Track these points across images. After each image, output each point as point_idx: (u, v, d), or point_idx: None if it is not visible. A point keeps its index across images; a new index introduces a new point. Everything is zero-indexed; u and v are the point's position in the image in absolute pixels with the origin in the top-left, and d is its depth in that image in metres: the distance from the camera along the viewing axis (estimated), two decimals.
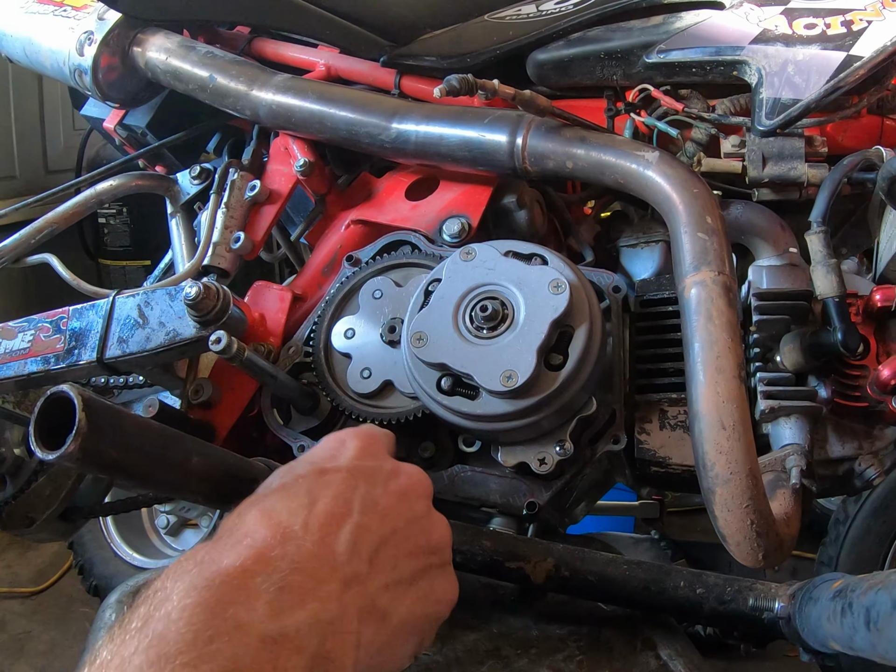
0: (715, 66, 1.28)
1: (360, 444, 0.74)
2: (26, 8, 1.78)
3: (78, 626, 2.61)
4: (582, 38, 1.42)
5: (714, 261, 1.05)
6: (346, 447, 0.74)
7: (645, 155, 1.17)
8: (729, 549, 1.02)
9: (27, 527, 1.42)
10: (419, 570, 0.68)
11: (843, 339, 1.10)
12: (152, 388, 1.46)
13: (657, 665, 0.96)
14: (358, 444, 0.74)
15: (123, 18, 1.62)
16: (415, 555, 0.68)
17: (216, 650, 0.50)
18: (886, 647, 0.71)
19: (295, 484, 0.67)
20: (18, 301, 3.21)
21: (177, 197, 1.69)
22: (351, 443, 0.74)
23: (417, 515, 0.71)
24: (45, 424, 0.77)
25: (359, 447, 0.73)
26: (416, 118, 1.36)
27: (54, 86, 3.24)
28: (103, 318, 1.33)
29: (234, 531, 0.61)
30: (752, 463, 0.97)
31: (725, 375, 0.98)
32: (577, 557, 1.01)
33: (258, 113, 1.51)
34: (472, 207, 1.37)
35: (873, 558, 1.92)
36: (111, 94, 1.69)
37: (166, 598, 0.53)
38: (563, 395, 1.08)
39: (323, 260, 1.51)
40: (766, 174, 1.27)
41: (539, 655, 0.97)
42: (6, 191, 3.18)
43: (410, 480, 0.73)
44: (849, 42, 1.19)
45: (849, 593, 0.80)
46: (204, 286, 1.24)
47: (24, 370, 1.36)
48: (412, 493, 0.72)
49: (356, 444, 0.74)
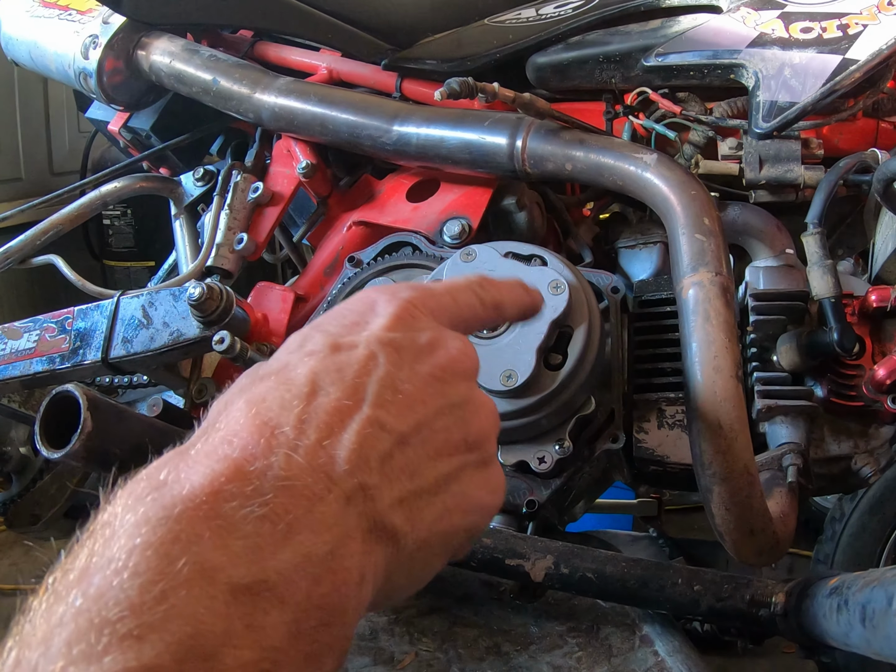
0: (712, 69, 1.28)
1: (395, 311, 0.56)
2: (32, 12, 1.78)
3: None
4: (581, 42, 1.42)
5: (712, 262, 1.05)
6: (374, 314, 0.56)
7: (643, 157, 1.17)
8: (726, 547, 1.02)
9: (33, 524, 1.42)
10: (448, 474, 0.53)
11: (839, 340, 1.10)
12: (156, 387, 1.46)
13: (655, 661, 0.96)
14: (392, 312, 0.56)
15: (128, 22, 1.62)
16: (443, 454, 0.53)
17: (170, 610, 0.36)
18: (882, 644, 0.71)
19: (299, 364, 0.51)
20: (24, 301, 3.21)
21: (180, 199, 1.69)
22: (383, 308, 0.57)
23: (453, 402, 0.55)
24: (51, 423, 0.77)
25: (392, 315, 0.56)
26: (418, 121, 1.36)
27: (59, 89, 3.23)
28: (108, 319, 1.33)
29: (212, 430, 0.47)
30: (749, 462, 0.97)
31: (723, 375, 0.98)
32: (576, 555, 1.01)
33: (261, 116, 1.51)
34: (473, 209, 1.37)
35: (869, 555, 1.92)
36: (116, 96, 1.69)
37: (113, 535, 0.39)
38: (563, 394, 1.08)
39: (325, 261, 1.51)
40: (763, 176, 1.27)
41: (538, 652, 0.97)
42: (12, 192, 3.18)
43: (448, 356, 0.56)
44: (845, 46, 1.19)
45: (845, 590, 0.80)
46: (207, 287, 1.24)
47: (30, 370, 1.36)
48: (449, 372, 0.56)
49: (390, 311, 0.56)
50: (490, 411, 0.60)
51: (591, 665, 0.95)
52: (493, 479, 0.58)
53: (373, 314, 0.56)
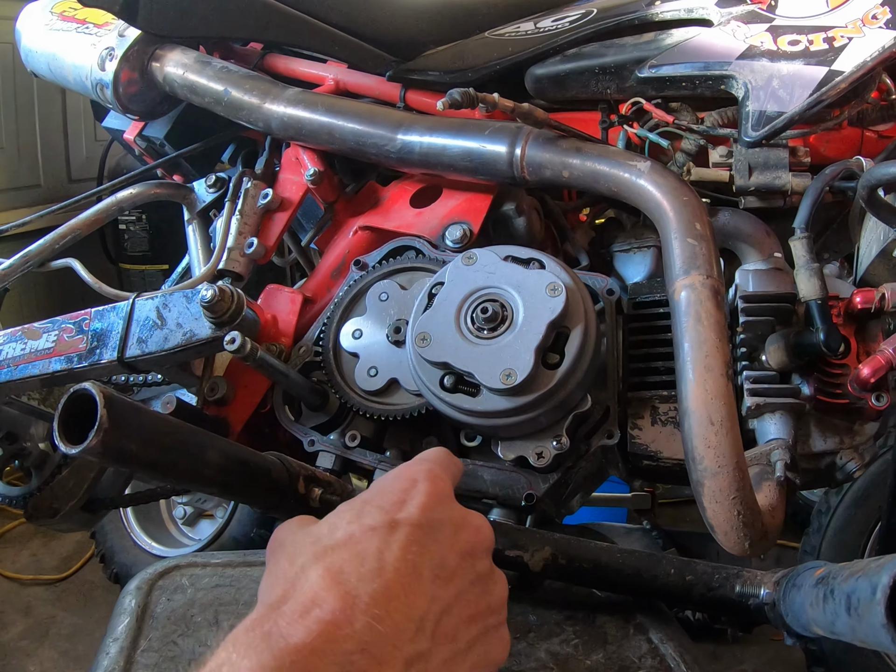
0: (703, 80, 1.28)
1: (431, 489, 0.67)
2: (50, 25, 1.78)
3: (100, 611, 2.61)
4: (577, 54, 1.42)
5: (703, 265, 1.05)
6: (416, 490, 0.66)
7: (637, 165, 1.17)
8: (717, 539, 1.02)
9: (51, 517, 1.42)
10: (478, 636, 0.64)
11: (826, 340, 1.10)
12: (170, 385, 1.46)
13: (648, 648, 0.96)
14: (428, 490, 0.67)
15: (143, 35, 1.62)
16: (475, 619, 0.64)
17: None
18: (866, 632, 0.71)
19: (364, 539, 0.60)
20: (43, 303, 3.22)
21: (193, 204, 1.69)
22: (422, 486, 0.67)
23: (481, 575, 0.66)
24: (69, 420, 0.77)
25: (429, 493, 0.66)
26: (421, 130, 1.37)
27: (77, 99, 3.24)
28: (123, 320, 1.33)
29: (298, 593, 0.56)
30: (738, 457, 0.97)
31: (713, 374, 0.98)
32: (573, 546, 1.01)
33: (270, 125, 1.51)
34: (473, 214, 1.37)
35: (854, 547, 1.92)
36: (131, 106, 1.69)
37: None
38: (560, 392, 1.08)
39: (332, 264, 1.51)
40: (752, 183, 1.27)
41: (537, 639, 0.97)
42: (31, 198, 3.18)
43: (477, 536, 0.67)
44: (831, 58, 1.19)
45: (831, 580, 0.80)
46: (219, 289, 1.24)
47: (49, 369, 1.36)
48: (478, 551, 0.66)
49: (426, 488, 0.67)
50: (504, 583, 0.69)
51: (588, 652, 0.95)
52: (505, 637, 0.68)
53: (415, 491, 0.66)
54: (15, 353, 1.40)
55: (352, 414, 1.28)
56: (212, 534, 2.45)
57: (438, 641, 0.59)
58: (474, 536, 0.67)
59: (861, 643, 0.75)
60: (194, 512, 2.64)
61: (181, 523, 2.66)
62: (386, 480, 0.69)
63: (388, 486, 0.68)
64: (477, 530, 0.68)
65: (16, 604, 2.67)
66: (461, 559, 0.64)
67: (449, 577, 0.62)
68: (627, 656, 0.95)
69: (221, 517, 2.49)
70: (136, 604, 0.98)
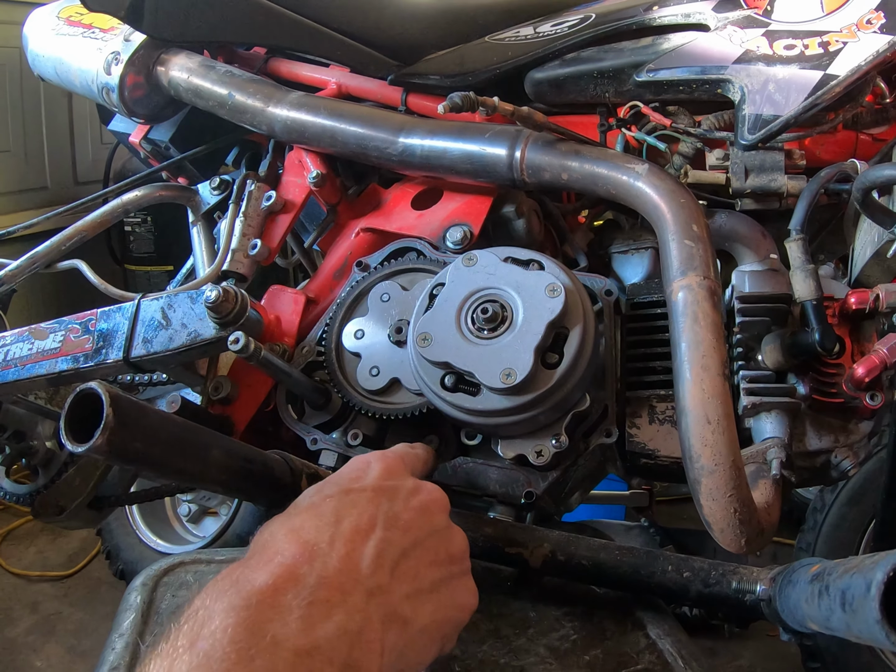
0: (700, 84, 1.28)
1: (384, 465, 0.76)
2: (57, 30, 1.78)
3: (105, 607, 2.61)
4: (576, 58, 1.42)
5: (700, 266, 1.05)
6: (370, 469, 0.75)
7: (635, 167, 1.17)
8: (714, 536, 1.02)
9: (58, 515, 1.42)
10: (440, 580, 0.69)
11: (821, 340, 1.10)
12: (175, 385, 1.46)
13: (646, 644, 0.96)
14: (381, 466, 0.75)
15: (148, 40, 1.62)
16: (435, 565, 0.69)
17: (259, 667, 0.51)
18: (861, 628, 0.71)
19: (322, 503, 0.68)
20: (50, 304, 3.22)
21: (198, 206, 1.69)
22: (375, 465, 0.76)
23: (437, 528, 0.72)
24: (75, 419, 0.77)
25: (382, 468, 0.75)
26: (422, 133, 1.37)
27: (83, 103, 3.24)
28: (129, 320, 1.33)
29: (265, 549, 0.62)
30: (735, 455, 0.97)
31: (710, 373, 0.98)
32: (572, 543, 1.02)
33: (274, 128, 1.51)
34: (474, 216, 1.37)
35: (849, 544, 1.92)
36: (136, 110, 1.69)
37: (209, 617, 0.54)
38: (559, 391, 1.08)
39: (334, 265, 1.51)
40: (749, 185, 1.27)
41: (536, 635, 0.97)
42: (38, 201, 3.18)
43: (430, 496, 0.74)
44: (825, 62, 1.19)
45: (826, 577, 0.80)
46: (223, 290, 1.24)
47: (55, 368, 1.36)
48: (432, 508, 0.73)
49: (380, 466, 0.76)
50: (462, 537, 0.76)
51: (586, 647, 0.95)
52: (471, 586, 0.74)
53: (368, 469, 0.75)
54: (22, 353, 1.40)
55: (354, 413, 1.28)
56: (216, 531, 2.46)
57: (399, 579, 0.65)
58: (427, 496, 0.74)
59: (856, 639, 0.75)
60: (199, 509, 2.65)
61: (186, 521, 2.66)
62: (344, 466, 0.78)
63: (345, 469, 0.77)
64: (430, 492, 0.75)
65: (23, 600, 2.67)
66: (416, 514, 0.71)
67: (405, 527, 0.68)
68: (625, 651, 0.95)
69: (225, 514, 2.50)
70: (141, 600, 0.99)
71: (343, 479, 0.74)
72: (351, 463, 0.79)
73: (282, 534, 0.63)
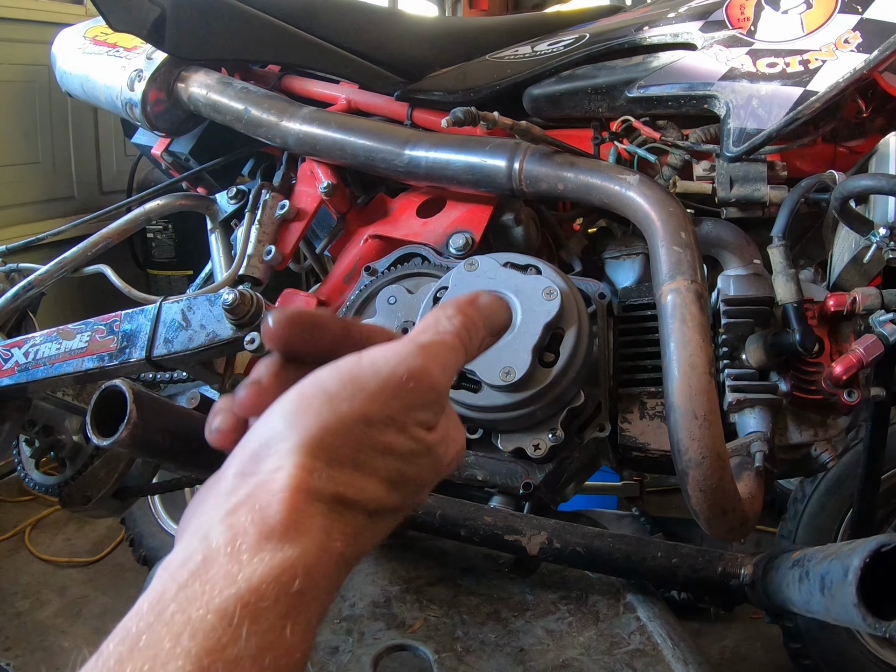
0: (688, 99, 1.28)
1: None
2: (84, 49, 1.78)
3: (129, 591, 2.61)
4: (571, 76, 1.42)
5: (688, 271, 1.05)
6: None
7: (627, 178, 1.17)
8: (700, 524, 1.02)
9: (84, 504, 1.42)
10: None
11: (801, 340, 1.10)
12: (194, 382, 1.46)
13: (637, 625, 0.96)
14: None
15: (169, 58, 1.62)
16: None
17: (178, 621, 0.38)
18: (839, 611, 0.72)
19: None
20: (76, 306, 3.21)
21: (216, 215, 1.69)
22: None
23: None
24: (101, 414, 0.78)
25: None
26: (426, 146, 1.37)
27: (108, 117, 3.24)
28: (151, 321, 1.33)
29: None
30: (720, 448, 0.97)
31: (697, 371, 0.98)
32: (567, 531, 1.02)
33: (287, 141, 1.51)
34: (475, 224, 1.37)
35: (828, 532, 1.92)
36: (158, 124, 1.69)
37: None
38: (555, 388, 1.08)
39: (344, 270, 1.51)
40: (734, 195, 1.27)
41: (534, 617, 0.97)
42: (65, 209, 3.18)
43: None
44: (806, 79, 1.19)
45: (806, 563, 0.80)
46: (240, 293, 1.24)
47: (82, 367, 1.36)
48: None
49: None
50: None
51: (581, 629, 0.96)
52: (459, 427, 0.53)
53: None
54: (51, 353, 1.40)
55: None
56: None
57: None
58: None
59: (834, 621, 0.75)
60: None
61: None
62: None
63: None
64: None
65: (51, 584, 2.67)
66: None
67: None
68: (617, 633, 0.95)
69: None
70: None
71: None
72: None
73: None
